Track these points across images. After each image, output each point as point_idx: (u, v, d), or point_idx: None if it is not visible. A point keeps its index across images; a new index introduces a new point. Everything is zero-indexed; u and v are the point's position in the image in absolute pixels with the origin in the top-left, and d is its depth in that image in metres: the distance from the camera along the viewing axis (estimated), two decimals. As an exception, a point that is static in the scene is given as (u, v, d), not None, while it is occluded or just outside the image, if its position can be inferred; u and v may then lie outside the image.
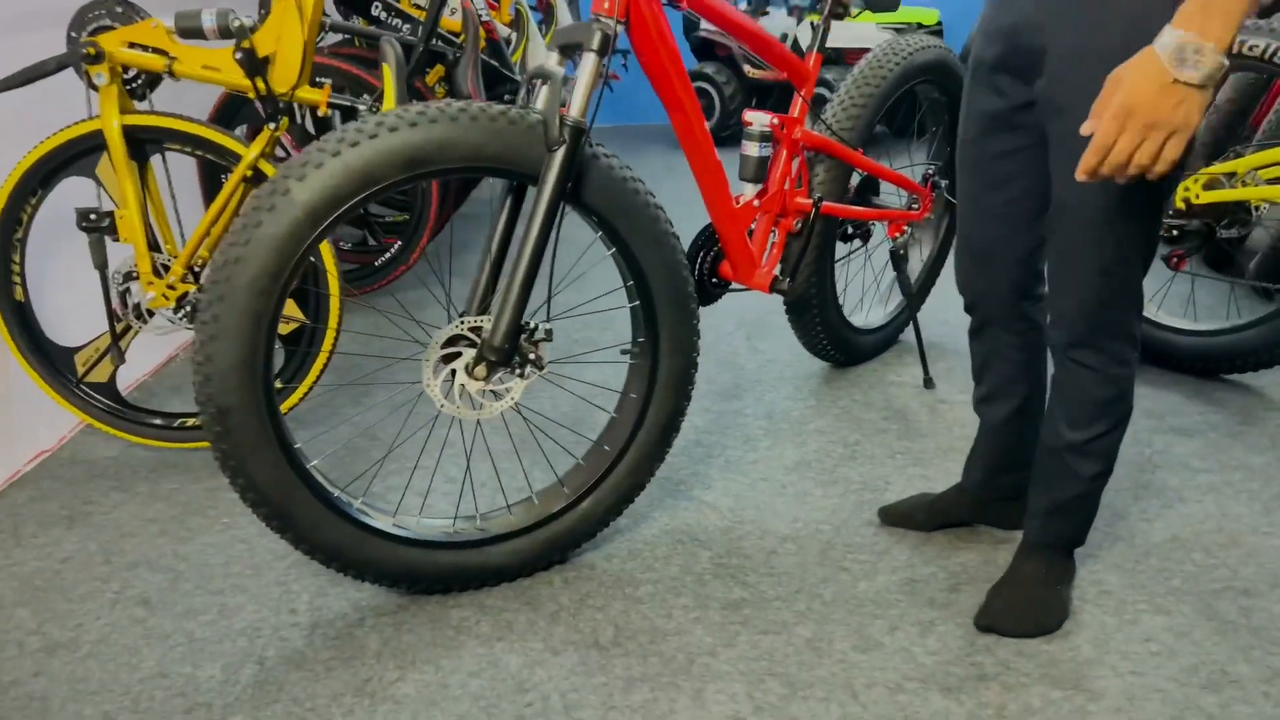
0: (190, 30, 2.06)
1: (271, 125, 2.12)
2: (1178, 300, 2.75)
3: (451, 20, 3.51)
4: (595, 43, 1.62)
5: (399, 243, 3.14)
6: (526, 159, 1.63)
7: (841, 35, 5.80)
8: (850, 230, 2.55)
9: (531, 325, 1.70)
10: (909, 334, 2.87)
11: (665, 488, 2.10)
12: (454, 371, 1.69)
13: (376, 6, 3.27)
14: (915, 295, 2.65)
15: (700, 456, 2.24)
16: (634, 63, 5.85)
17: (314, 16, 2.09)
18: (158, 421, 2.25)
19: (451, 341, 1.70)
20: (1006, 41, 1.49)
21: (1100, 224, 1.42)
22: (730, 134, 5.93)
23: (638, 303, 1.82)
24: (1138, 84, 1.14)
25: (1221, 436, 2.28)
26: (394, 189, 1.58)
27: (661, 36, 1.78)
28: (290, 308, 2.23)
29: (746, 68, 5.85)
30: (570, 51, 1.72)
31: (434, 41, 3.27)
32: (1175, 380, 2.58)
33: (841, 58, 5.88)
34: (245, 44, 2.07)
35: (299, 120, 3.15)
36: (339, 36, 3.54)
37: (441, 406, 1.69)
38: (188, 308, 2.17)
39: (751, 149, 2.14)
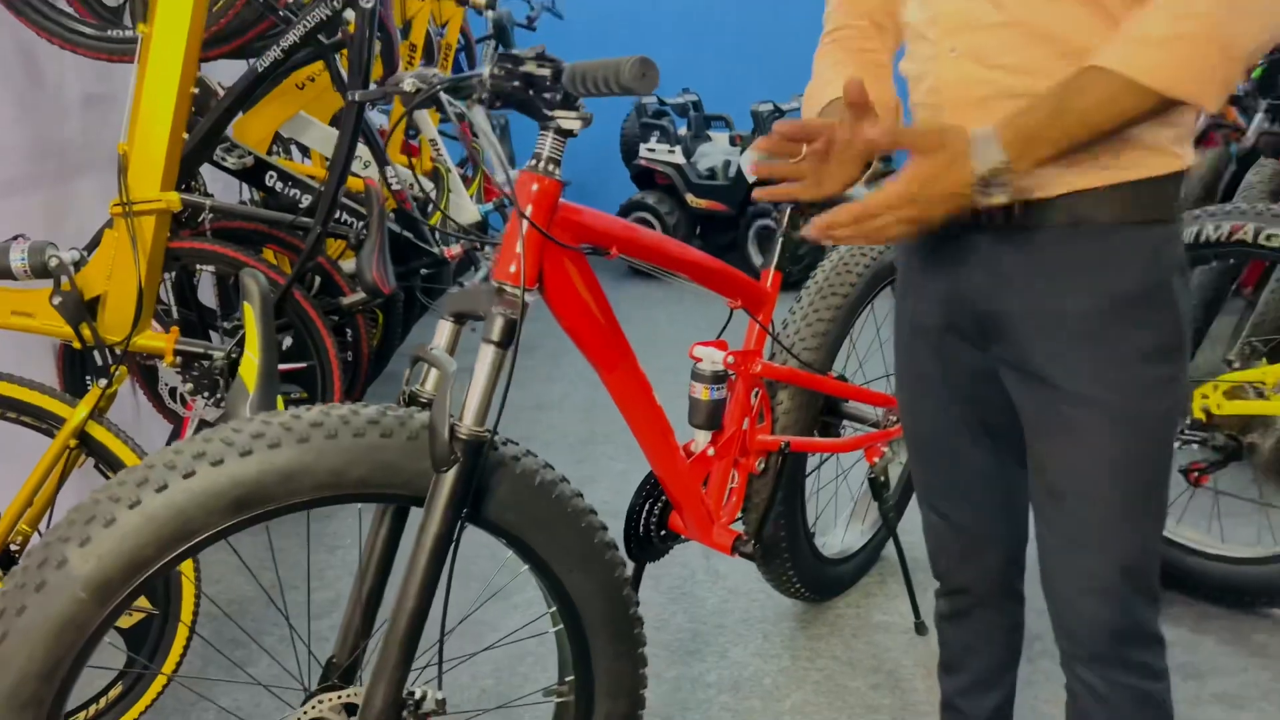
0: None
1: (102, 382, 1.69)
2: (1203, 515, 2.39)
3: (361, 177, 3.14)
4: (496, 333, 1.23)
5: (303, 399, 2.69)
6: (407, 479, 1.22)
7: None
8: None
9: (418, 695, 1.27)
10: (890, 548, 2.48)
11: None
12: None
13: (271, 176, 2.88)
14: (896, 515, 2.28)
15: (653, 762, 1.81)
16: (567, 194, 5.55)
17: (154, 250, 1.69)
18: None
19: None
20: (950, 306, 1.25)
21: (1116, 505, 1.17)
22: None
23: (562, 627, 1.41)
24: (938, 184, 1.07)
25: (1277, 707, 1.91)
26: (221, 538, 1.16)
27: (589, 293, 1.40)
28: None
29: (688, 196, 5.55)
30: (465, 320, 1.33)
31: (339, 213, 2.89)
32: (1204, 616, 2.21)
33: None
34: (66, 285, 1.65)
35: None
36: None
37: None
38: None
39: (702, 392, 1.76)
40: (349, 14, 2.52)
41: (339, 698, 1.27)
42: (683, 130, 5.82)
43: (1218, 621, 2.19)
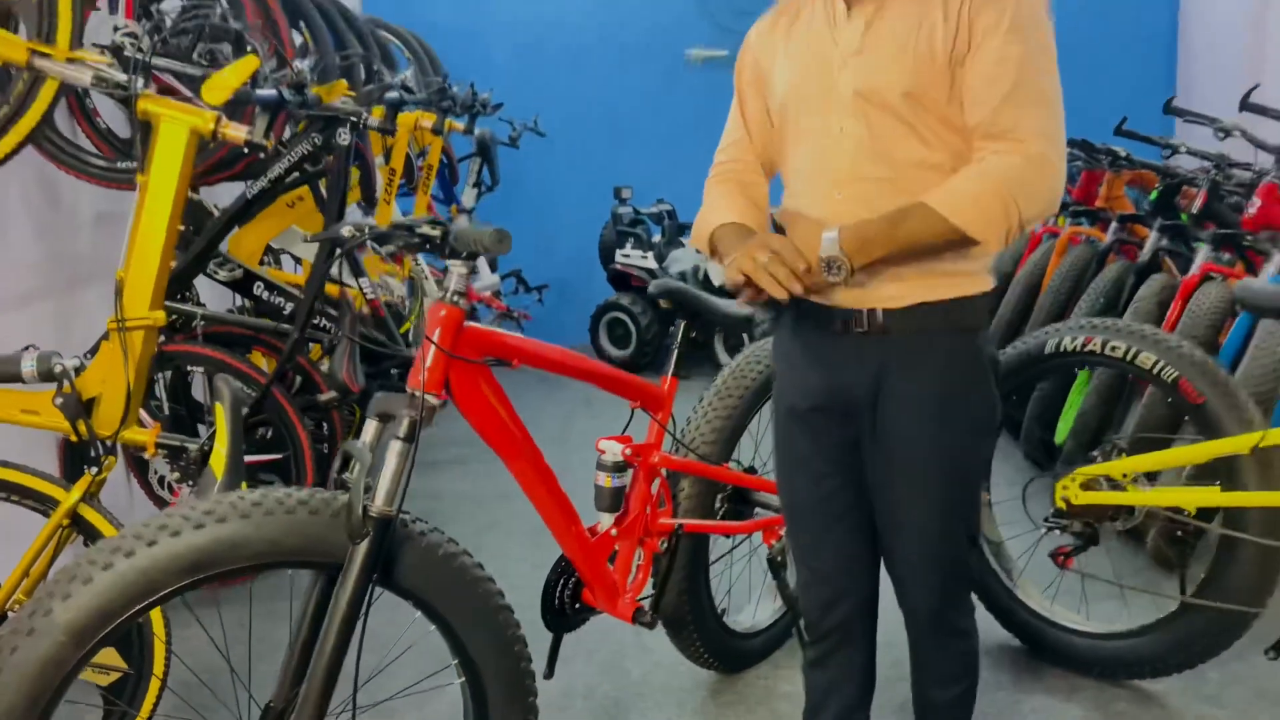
0: (9, 375, 1.96)
1: (93, 470, 1.99)
2: (1074, 594, 2.64)
3: (340, 284, 3.48)
4: (403, 430, 1.53)
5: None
6: (330, 550, 1.51)
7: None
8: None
9: (335, 731, 1.54)
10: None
11: None
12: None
13: (259, 286, 3.23)
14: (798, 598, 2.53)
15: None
16: (548, 294, 5.91)
17: (141, 359, 2.01)
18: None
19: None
20: (824, 392, 1.67)
21: (937, 539, 1.68)
22: (648, 361, 5.93)
23: (464, 679, 1.68)
24: (798, 256, 1.51)
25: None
26: (178, 595, 1.45)
27: (489, 396, 1.70)
28: (112, 657, 2.04)
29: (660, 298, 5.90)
30: (389, 419, 1.63)
31: (318, 319, 3.23)
32: (1074, 688, 2.45)
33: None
34: (68, 388, 1.96)
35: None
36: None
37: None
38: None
39: (605, 480, 2.05)
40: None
41: (272, 732, 1.53)
42: (657, 237, 6.21)
43: (1085, 692, 2.43)
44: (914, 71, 1.53)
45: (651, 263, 5.99)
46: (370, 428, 1.62)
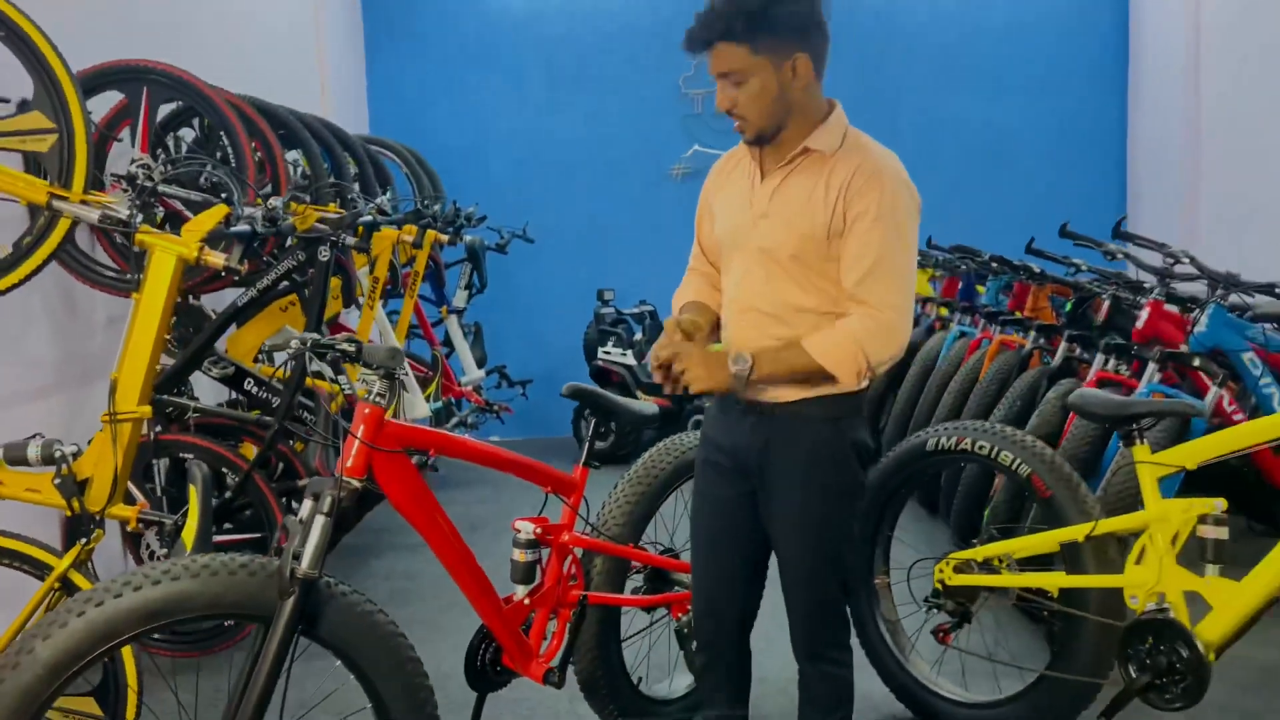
0: (16, 459, 2.33)
1: (83, 540, 2.35)
2: (956, 668, 2.91)
3: (320, 379, 3.86)
4: (326, 506, 1.88)
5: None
6: (263, 605, 1.84)
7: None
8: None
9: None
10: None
11: None
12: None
13: (249, 382, 3.61)
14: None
15: None
16: (534, 388, 6.28)
17: (128, 447, 2.38)
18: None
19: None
20: (731, 454, 2.17)
21: (810, 580, 2.16)
22: (627, 453, 6.26)
23: (377, 720, 1.98)
24: (716, 364, 2.00)
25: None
26: (139, 639, 1.78)
27: (405, 479, 2.05)
28: (90, 705, 2.35)
29: (638, 392, 6.28)
30: (318, 498, 1.97)
31: (301, 412, 3.60)
32: (954, 752, 2.71)
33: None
34: (65, 471, 2.33)
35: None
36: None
37: None
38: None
39: (519, 555, 2.37)
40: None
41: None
42: (638, 336, 6.62)
43: (962, 756, 2.69)
44: (800, 241, 2.04)
45: (631, 360, 6.38)
46: (306, 505, 1.96)
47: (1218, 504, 2.28)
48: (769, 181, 2.08)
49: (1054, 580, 2.53)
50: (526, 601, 2.40)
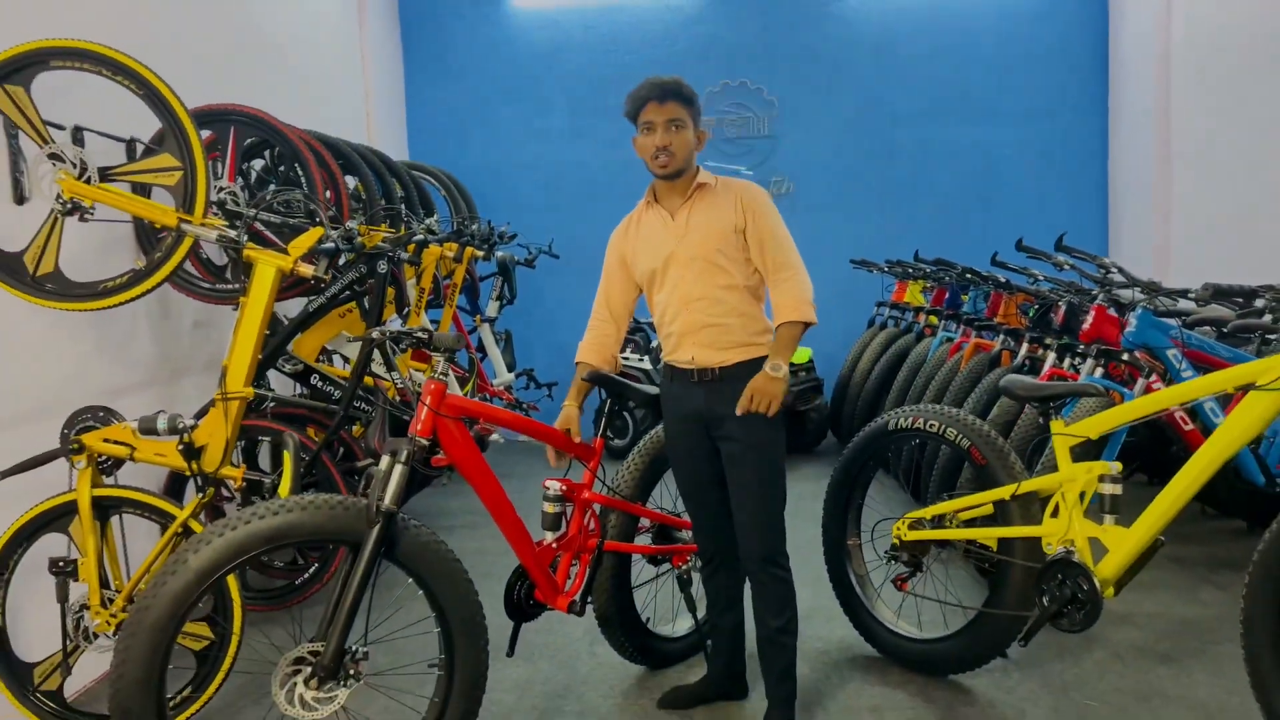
0: (149, 430, 2.91)
1: (200, 495, 2.93)
2: (912, 610, 3.45)
3: (378, 377, 4.44)
4: (403, 457, 2.45)
5: (316, 564, 3.88)
6: (355, 533, 2.41)
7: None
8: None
9: (353, 649, 2.41)
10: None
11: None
12: (295, 684, 2.37)
13: (315, 378, 4.20)
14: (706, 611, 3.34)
15: (514, 747, 2.86)
16: (559, 389, 6.82)
17: (235, 420, 2.96)
18: (90, 722, 2.89)
19: (298, 660, 2.40)
20: (693, 415, 2.85)
21: (760, 496, 2.78)
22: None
23: (439, 630, 2.54)
24: (759, 381, 2.68)
25: (924, 729, 2.92)
26: (261, 556, 2.36)
27: (463, 441, 2.62)
28: (203, 629, 2.93)
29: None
30: (395, 453, 2.53)
31: (359, 404, 4.18)
32: (908, 679, 3.23)
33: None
34: (186, 439, 2.91)
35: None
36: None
37: (285, 710, 2.36)
38: (123, 632, 2.87)
39: (548, 507, 2.93)
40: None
41: (311, 646, 2.40)
42: (654, 343, 7.19)
43: (915, 683, 3.21)
44: (718, 239, 2.76)
45: (647, 364, 6.94)
46: (385, 460, 2.53)
47: (1114, 466, 2.80)
48: (680, 214, 2.85)
49: (989, 533, 3.05)
50: (554, 545, 2.95)
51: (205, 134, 3.96)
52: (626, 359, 7.03)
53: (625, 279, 3.01)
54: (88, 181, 2.90)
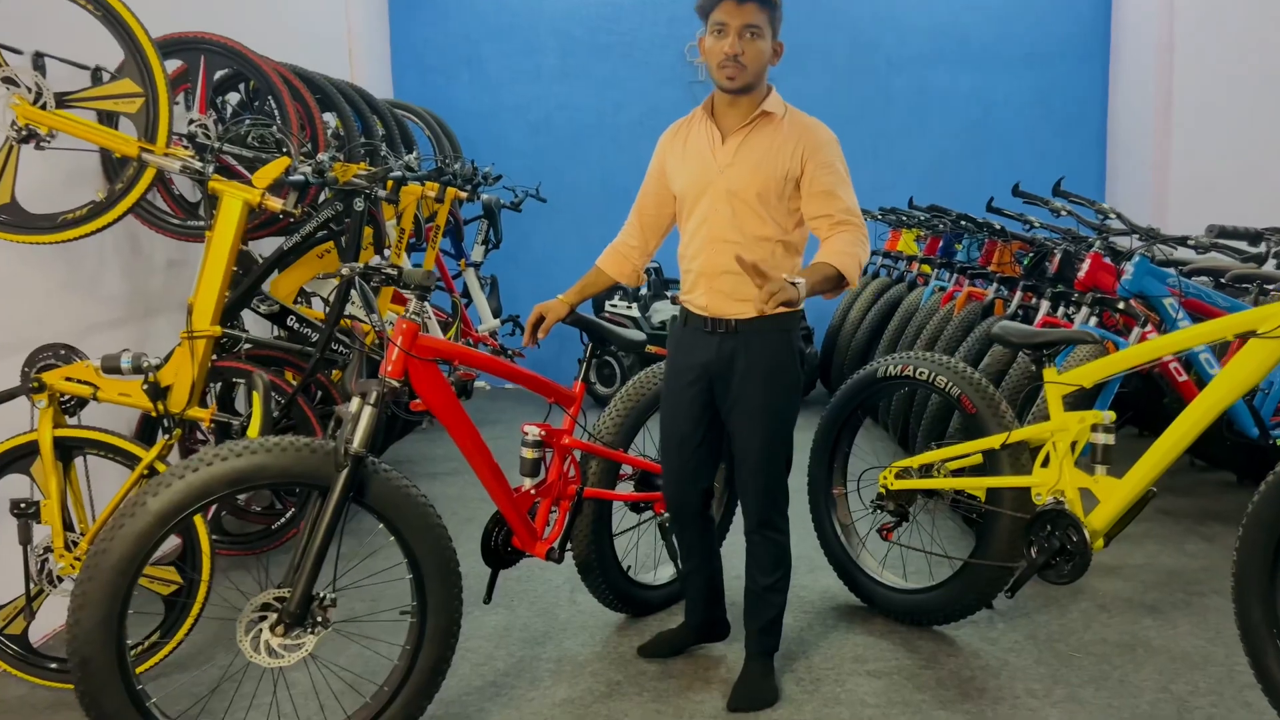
0: (112, 368, 2.81)
1: (166, 436, 2.84)
2: (897, 561, 3.40)
3: (354, 319, 4.33)
4: (373, 399, 2.36)
5: (293, 510, 3.80)
6: (323, 476, 2.32)
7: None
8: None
9: (320, 595, 2.34)
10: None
11: (449, 720, 2.66)
12: (260, 630, 2.30)
13: (291, 319, 4.09)
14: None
15: (490, 695, 2.81)
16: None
17: (202, 360, 2.86)
18: (54, 666, 2.82)
19: (264, 606, 2.33)
20: (701, 366, 2.65)
21: (763, 462, 2.66)
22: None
23: (411, 576, 2.47)
24: (786, 290, 2.24)
25: (902, 679, 2.87)
26: (225, 499, 2.27)
27: (436, 384, 2.52)
28: (171, 573, 2.85)
29: (649, 347, 6.74)
30: (364, 394, 2.44)
31: (336, 346, 4.08)
32: (891, 629, 3.19)
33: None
34: (151, 378, 2.81)
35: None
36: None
37: (251, 657, 2.30)
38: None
39: (527, 453, 2.85)
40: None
41: (278, 592, 2.33)
42: (643, 291, 7.07)
43: (899, 632, 3.17)
44: (764, 182, 2.56)
45: (636, 312, 6.84)
46: (354, 401, 2.43)
47: (1107, 415, 2.73)
48: (731, 140, 2.57)
49: (977, 483, 2.99)
50: (532, 492, 2.88)
51: (175, 64, 3.82)
52: (614, 305, 6.93)
53: (661, 190, 2.78)
54: (44, 108, 2.76)
